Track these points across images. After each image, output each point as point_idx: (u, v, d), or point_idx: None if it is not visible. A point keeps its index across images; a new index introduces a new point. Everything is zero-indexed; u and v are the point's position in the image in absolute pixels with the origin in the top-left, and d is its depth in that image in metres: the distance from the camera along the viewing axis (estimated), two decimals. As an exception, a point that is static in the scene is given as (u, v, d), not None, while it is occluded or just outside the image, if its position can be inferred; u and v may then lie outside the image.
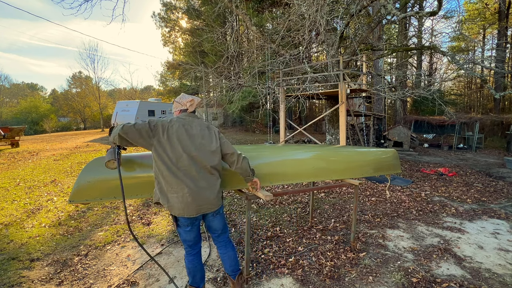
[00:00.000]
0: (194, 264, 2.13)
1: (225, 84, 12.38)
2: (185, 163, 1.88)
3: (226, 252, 2.23)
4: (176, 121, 1.98)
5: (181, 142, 1.90)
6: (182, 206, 1.88)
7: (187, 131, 1.95)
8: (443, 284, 2.54)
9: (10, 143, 11.79)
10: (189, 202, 1.88)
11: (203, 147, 1.97)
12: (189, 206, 1.89)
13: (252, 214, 4.36)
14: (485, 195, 5.57)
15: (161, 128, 1.90)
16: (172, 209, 1.90)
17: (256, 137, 17.68)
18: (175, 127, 1.93)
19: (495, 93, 6.29)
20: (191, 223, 1.99)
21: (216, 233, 2.21)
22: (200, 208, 1.94)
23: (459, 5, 16.23)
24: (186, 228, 2.00)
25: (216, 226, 2.16)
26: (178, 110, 2.14)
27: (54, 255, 3.09)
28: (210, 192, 1.96)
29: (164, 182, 1.88)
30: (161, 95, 31.83)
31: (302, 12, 7.02)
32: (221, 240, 2.24)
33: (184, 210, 1.89)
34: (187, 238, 2.05)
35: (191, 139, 1.94)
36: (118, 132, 1.84)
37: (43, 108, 34.80)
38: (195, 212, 1.93)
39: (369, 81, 14.48)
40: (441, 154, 11.74)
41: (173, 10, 24.66)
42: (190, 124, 2.01)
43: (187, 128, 1.96)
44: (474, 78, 22.46)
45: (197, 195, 1.91)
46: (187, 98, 2.13)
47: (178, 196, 1.87)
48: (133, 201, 4.98)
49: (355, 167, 2.99)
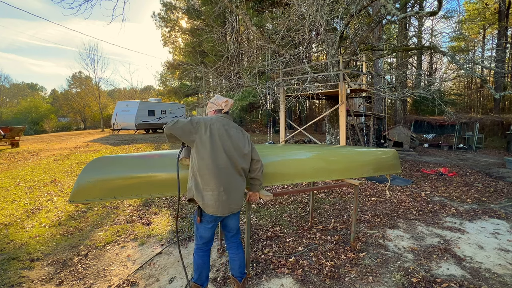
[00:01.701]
0: (204, 260, 2.15)
1: (225, 84, 12.39)
2: (223, 161, 1.94)
3: (237, 253, 2.25)
4: (216, 120, 2.04)
5: (222, 141, 1.97)
6: (217, 205, 1.92)
7: (227, 131, 2.02)
8: (443, 284, 2.54)
9: (10, 143, 11.77)
10: (224, 200, 1.93)
11: (238, 149, 2.03)
12: (223, 205, 1.94)
13: (252, 214, 4.36)
14: (485, 195, 5.57)
15: (204, 125, 1.96)
16: (207, 207, 1.93)
17: (256, 137, 17.68)
18: (217, 126, 1.99)
19: (495, 93, 6.28)
20: (214, 221, 2.04)
21: (232, 232, 2.24)
22: (231, 208, 1.99)
23: (459, 5, 16.30)
24: (208, 225, 2.04)
25: (233, 225, 2.21)
26: (212, 111, 2.20)
27: (54, 255, 3.09)
28: (239, 193, 2.03)
29: (200, 179, 1.93)
30: (161, 95, 31.78)
31: (302, 12, 7.02)
32: (234, 241, 2.26)
33: (218, 209, 1.94)
34: (205, 235, 2.08)
35: (230, 139, 2.01)
36: (164, 132, 1.97)
37: (43, 108, 34.78)
38: (228, 211, 1.98)
39: (369, 81, 14.48)
40: (441, 154, 11.74)
41: (173, 10, 24.63)
42: (228, 124, 2.07)
43: (226, 129, 2.03)
44: (474, 78, 22.46)
45: (230, 194, 1.96)
46: (222, 99, 2.20)
47: (213, 194, 1.91)
48: (133, 201, 4.98)
49: (355, 167, 2.99)
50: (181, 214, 4.39)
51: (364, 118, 11.96)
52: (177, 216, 2.09)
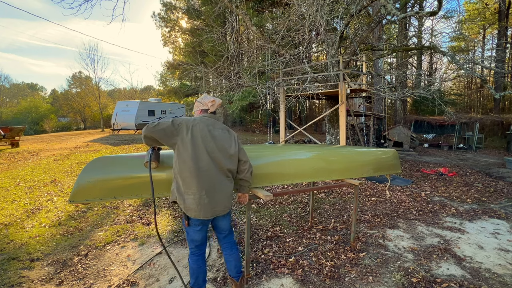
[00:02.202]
0: (199, 264, 2.12)
1: (225, 84, 12.39)
2: (206, 163, 1.89)
3: (231, 254, 2.23)
4: (199, 121, 1.99)
5: (204, 142, 1.91)
6: (199, 208, 1.88)
7: (210, 132, 1.97)
8: (443, 284, 2.54)
9: (10, 143, 11.77)
10: (206, 204, 1.89)
11: (223, 150, 1.98)
12: (205, 208, 1.90)
13: (252, 214, 4.36)
14: (485, 195, 5.57)
15: (185, 127, 1.91)
16: (188, 210, 1.91)
17: (256, 137, 17.67)
18: (199, 127, 1.94)
19: (495, 93, 6.28)
20: (202, 223, 2.00)
21: (224, 233, 2.22)
22: (215, 211, 1.95)
23: (459, 5, 16.28)
24: (197, 228, 2.01)
25: (224, 227, 2.18)
26: (199, 110, 2.16)
27: (54, 255, 3.09)
28: (224, 195, 1.98)
29: (182, 182, 1.89)
30: (161, 95, 31.77)
31: (302, 12, 7.02)
32: (227, 241, 2.24)
33: (200, 212, 1.90)
34: (196, 238, 2.05)
35: (214, 140, 1.96)
36: (143, 133, 1.88)
37: (43, 108, 34.78)
38: (211, 214, 1.94)
39: (369, 81, 14.48)
40: (441, 154, 11.74)
41: (173, 10, 24.63)
42: (213, 125, 2.02)
43: (210, 129, 1.98)
44: (474, 78, 22.47)
45: (213, 197, 1.91)
46: (208, 98, 2.16)
47: (195, 197, 1.87)
48: (133, 201, 4.98)
49: (355, 167, 2.99)
50: (181, 214, 4.39)
51: (364, 118, 11.96)
52: (155, 219, 2.03)
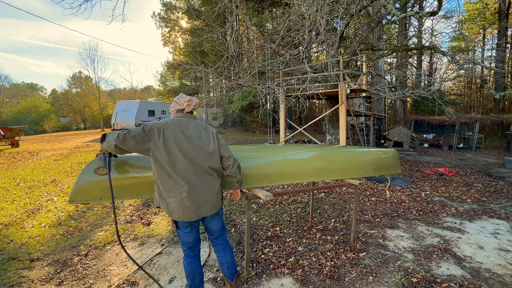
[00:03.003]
0: (194, 266, 2.10)
1: (225, 84, 12.39)
2: (182, 165, 1.85)
3: (224, 256, 2.21)
4: (171, 122, 1.94)
5: (178, 144, 1.87)
6: (181, 210, 1.85)
7: (184, 132, 1.92)
8: (443, 284, 2.54)
9: (10, 143, 11.78)
10: (188, 206, 1.85)
11: (201, 148, 1.94)
12: (188, 210, 1.86)
13: (252, 214, 4.36)
14: (485, 195, 5.57)
15: (157, 131, 1.87)
16: (172, 213, 1.88)
17: (256, 137, 17.67)
18: (171, 129, 1.89)
19: (495, 93, 6.28)
20: (190, 225, 1.97)
21: (215, 235, 2.18)
22: (200, 211, 1.92)
23: (459, 5, 16.29)
24: (186, 230, 1.98)
25: (215, 228, 2.14)
26: (175, 110, 2.12)
27: (54, 255, 3.09)
28: (209, 194, 1.94)
29: (162, 187, 1.86)
30: (161, 95, 31.81)
31: (302, 12, 7.02)
32: (219, 243, 2.22)
33: (183, 215, 1.87)
34: (187, 240, 2.03)
35: (188, 140, 1.91)
36: (113, 143, 1.79)
37: (43, 108, 34.81)
38: (195, 216, 1.91)
39: (369, 81, 14.48)
40: (441, 154, 11.74)
41: (173, 10, 24.65)
42: (186, 125, 1.97)
43: (183, 130, 1.93)
44: (474, 78, 22.46)
45: (196, 198, 1.87)
46: (185, 98, 2.12)
47: (176, 200, 1.84)
48: (133, 201, 4.98)
49: (355, 167, 2.99)
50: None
51: (364, 118, 11.96)
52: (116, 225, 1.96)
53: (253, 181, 2.40)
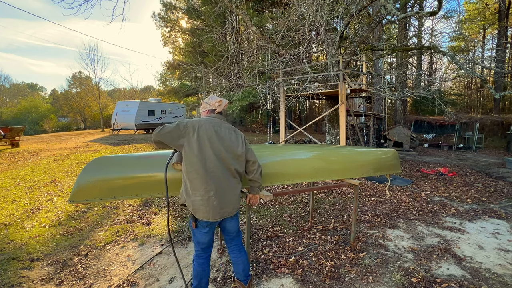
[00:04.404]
0: (204, 267, 2.10)
1: (225, 84, 12.38)
2: (213, 164, 1.88)
3: (239, 257, 2.21)
4: (205, 121, 1.97)
5: (211, 143, 1.90)
6: (207, 210, 1.87)
7: (217, 132, 1.95)
8: (443, 284, 2.54)
9: (10, 143, 11.77)
10: (215, 205, 1.87)
11: (231, 150, 1.97)
12: (214, 210, 1.88)
13: (252, 214, 4.36)
14: (485, 195, 5.57)
15: (192, 128, 1.90)
16: (197, 212, 1.89)
17: (256, 137, 17.68)
18: (205, 127, 1.93)
19: (495, 93, 6.28)
20: (209, 225, 1.98)
21: (231, 235, 2.19)
22: (224, 212, 1.94)
23: (459, 5, 16.28)
24: (204, 230, 1.98)
25: (232, 229, 2.15)
26: (206, 110, 2.16)
27: (54, 255, 3.09)
28: (233, 196, 1.97)
29: (189, 184, 1.88)
30: (161, 95, 31.77)
31: (302, 12, 7.02)
32: (235, 244, 2.22)
33: (209, 214, 1.88)
34: (202, 240, 2.03)
35: (221, 141, 1.94)
36: (152, 138, 1.91)
37: (43, 108, 34.83)
38: (219, 216, 1.92)
39: (369, 81, 14.48)
40: (441, 154, 11.74)
41: (173, 10, 24.64)
42: (219, 125, 2.01)
43: (216, 130, 1.96)
44: (474, 78, 22.46)
45: (222, 198, 1.90)
46: (215, 99, 2.15)
47: (203, 199, 1.86)
48: (133, 201, 4.98)
49: (355, 167, 2.99)
50: (181, 214, 4.39)
51: (364, 118, 11.96)
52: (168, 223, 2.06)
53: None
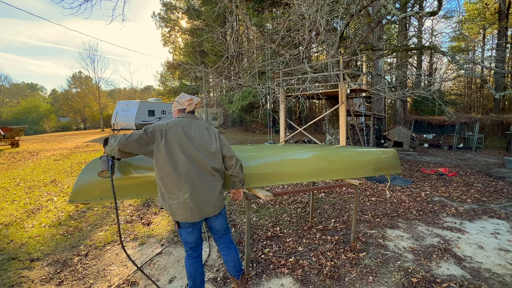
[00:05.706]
0: (195, 267, 2.10)
1: (225, 84, 12.38)
2: (185, 166, 1.85)
3: (229, 254, 2.21)
4: (173, 123, 1.93)
5: (181, 145, 1.87)
6: (184, 212, 1.85)
7: (186, 133, 1.92)
8: (443, 284, 2.54)
9: (10, 143, 11.78)
10: (191, 207, 1.85)
11: (203, 149, 1.94)
12: (191, 211, 1.86)
13: (252, 214, 4.36)
14: (485, 195, 5.57)
15: (159, 133, 1.86)
16: (175, 215, 1.87)
17: (256, 137, 17.68)
18: (173, 130, 1.89)
19: (495, 93, 6.29)
20: (192, 225, 1.97)
21: (219, 234, 2.18)
22: (203, 212, 1.92)
23: (459, 5, 16.20)
24: (188, 230, 1.98)
25: (219, 227, 2.14)
26: (176, 110, 2.12)
27: (54, 255, 3.09)
28: (211, 195, 1.93)
29: (164, 188, 1.86)
30: (161, 95, 31.80)
31: (302, 12, 7.02)
32: (223, 241, 2.21)
33: (186, 216, 1.86)
34: (189, 240, 2.02)
35: (191, 141, 1.90)
36: (116, 147, 1.80)
37: (43, 108, 34.86)
38: (198, 216, 1.90)
39: (369, 81, 14.48)
40: (441, 154, 11.74)
41: (173, 10, 24.65)
42: (188, 125, 1.97)
43: (185, 130, 1.93)
44: (474, 78, 22.46)
45: (199, 199, 1.87)
46: (186, 97, 2.12)
47: (179, 202, 1.84)
48: (133, 201, 4.98)
49: (355, 167, 2.99)
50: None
51: (364, 118, 11.96)
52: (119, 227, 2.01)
53: (253, 181, 2.40)
